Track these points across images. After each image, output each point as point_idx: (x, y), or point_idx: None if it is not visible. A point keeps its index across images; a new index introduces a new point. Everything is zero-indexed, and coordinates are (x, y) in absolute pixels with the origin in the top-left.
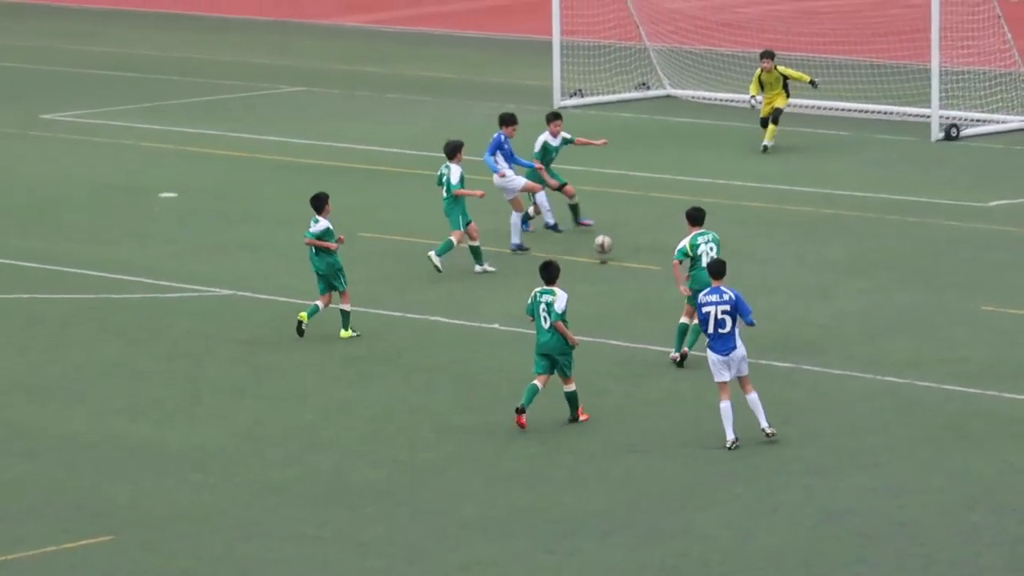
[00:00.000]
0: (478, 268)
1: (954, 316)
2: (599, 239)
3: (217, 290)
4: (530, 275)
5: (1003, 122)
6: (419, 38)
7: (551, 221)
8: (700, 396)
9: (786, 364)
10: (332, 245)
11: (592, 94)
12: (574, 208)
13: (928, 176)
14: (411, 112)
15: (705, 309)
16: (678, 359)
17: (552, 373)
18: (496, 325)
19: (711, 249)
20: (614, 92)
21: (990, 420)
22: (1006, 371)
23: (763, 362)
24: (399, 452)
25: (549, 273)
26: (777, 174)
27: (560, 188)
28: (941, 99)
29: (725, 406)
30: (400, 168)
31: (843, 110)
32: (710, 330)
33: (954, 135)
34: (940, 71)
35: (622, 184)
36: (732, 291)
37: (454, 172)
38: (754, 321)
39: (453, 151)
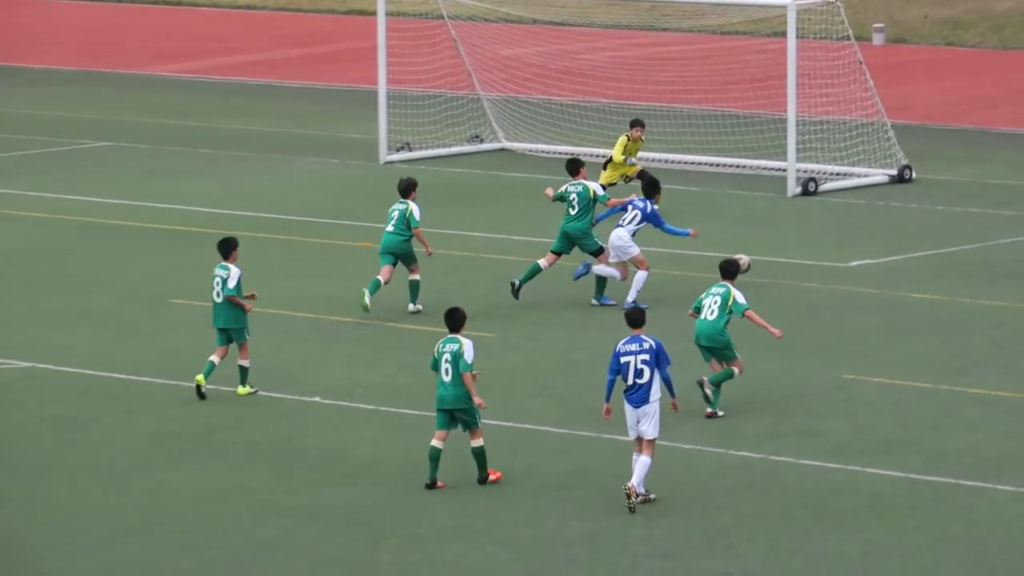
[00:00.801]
0: (412, 307)
1: (813, 385)
2: (744, 260)
3: (16, 362)
4: (353, 345)
5: (864, 175)
6: (236, 88)
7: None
8: (535, 475)
9: (631, 438)
10: (248, 306)
11: (420, 147)
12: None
13: (785, 234)
14: (228, 169)
15: (624, 359)
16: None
17: (454, 428)
18: (317, 398)
19: (715, 302)
20: (445, 145)
21: (851, 497)
22: (868, 444)
23: (607, 436)
24: (213, 537)
25: (455, 320)
26: None
27: (597, 251)
28: (798, 151)
29: (635, 458)
30: (215, 229)
31: (693, 163)
32: (629, 380)
33: (812, 190)
34: (797, 121)
35: (454, 244)
36: (654, 340)
37: (417, 209)
38: (669, 376)
39: (408, 189)
